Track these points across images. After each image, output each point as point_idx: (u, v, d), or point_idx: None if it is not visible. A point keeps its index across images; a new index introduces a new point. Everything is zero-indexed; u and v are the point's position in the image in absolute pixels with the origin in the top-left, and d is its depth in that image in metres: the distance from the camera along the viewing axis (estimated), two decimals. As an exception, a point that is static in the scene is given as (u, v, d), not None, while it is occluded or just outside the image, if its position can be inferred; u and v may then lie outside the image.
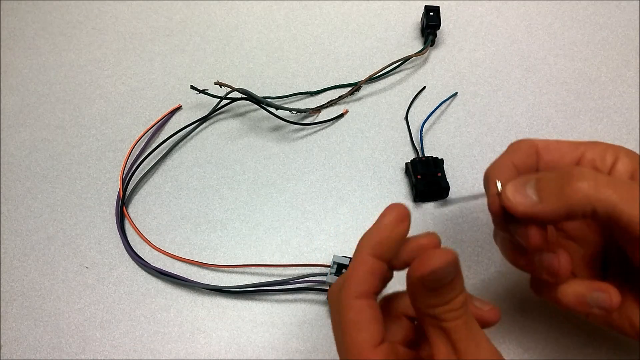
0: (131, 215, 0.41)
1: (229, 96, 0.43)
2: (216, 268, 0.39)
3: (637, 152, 0.42)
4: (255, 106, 0.45)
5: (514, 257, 0.30)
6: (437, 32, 0.49)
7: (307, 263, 0.38)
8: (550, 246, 0.27)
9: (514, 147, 0.29)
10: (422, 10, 0.50)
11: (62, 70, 0.50)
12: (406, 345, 0.27)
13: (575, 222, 0.31)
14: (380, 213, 0.26)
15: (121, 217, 0.41)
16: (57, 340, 0.36)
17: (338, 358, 0.34)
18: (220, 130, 0.45)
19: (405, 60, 0.47)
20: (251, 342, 0.36)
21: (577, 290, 0.27)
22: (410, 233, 0.39)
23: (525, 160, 0.28)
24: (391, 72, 0.48)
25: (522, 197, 0.25)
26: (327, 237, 0.39)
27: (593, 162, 0.27)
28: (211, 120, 0.46)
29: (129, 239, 0.40)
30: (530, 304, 0.36)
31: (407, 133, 0.44)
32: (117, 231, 0.40)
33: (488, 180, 0.28)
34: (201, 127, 0.45)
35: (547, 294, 0.29)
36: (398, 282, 0.27)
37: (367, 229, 0.26)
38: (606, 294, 0.26)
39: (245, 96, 0.43)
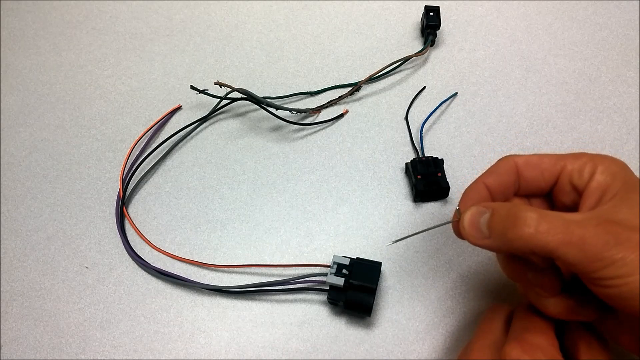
0: (131, 215, 0.41)
1: (229, 96, 0.43)
2: (216, 268, 0.39)
3: (637, 152, 0.42)
4: (255, 106, 0.45)
5: (507, 271, 0.31)
6: (437, 32, 0.49)
7: (307, 263, 0.38)
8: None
9: (492, 168, 0.31)
10: (422, 10, 0.50)
11: (62, 70, 0.50)
12: None
13: None
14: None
15: (121, 217, 0.41)
16: (57, 340, 0.36)
17: (338, 358, 0.34)
18: (220, 130, 0.45)
19: (405, 60, 0.47)
20: (251, 342, 0.36)
21: (564, 304, 0.28)
22: (410, 233, 0.39)
23: (501, 180, 0.30)
24: (391, 72, 0.48)
25: (474, 230, 0.28)
26: (327, 237, 0.39)
27: (571, 176, 0.29)
28: (211, 120, 0.46)
29: (129, 239, 0.40)
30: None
31: (407, 133, 0.44)
32: (117, 231, 0.40)
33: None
34: (201, 127, 0.45)
35: (536, 302, 0.29)
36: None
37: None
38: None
39: (245, 96, 0.43)
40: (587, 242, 0.24)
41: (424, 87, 0.47)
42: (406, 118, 0.45)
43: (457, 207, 0.30)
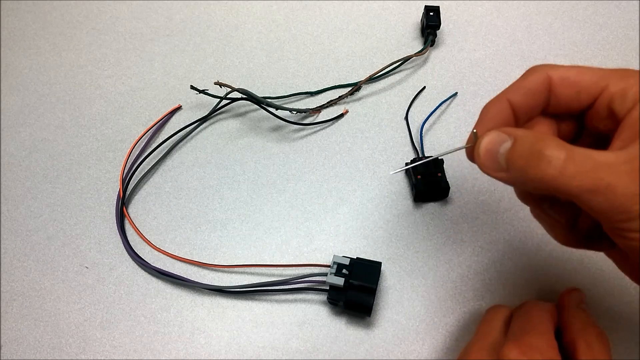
0: (131, 215, 0.41)
1: (229, 96, 0.43)
2: (216, 268, 0.38)
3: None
4: (255, 106, 0.45)
5: (522, 196, 0.29)
6: (437, 32, 0.49)
7: (307, 263, 0.38)
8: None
9: (520, 81, 0.27)
10: (422, 10, 0.50)
11: (62, 70, 0.50)
12: None
13: None
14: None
15: (121, 217, 0.41)
16: (57, 340, 0.36)
17: (338, 358, 0.34)
18: (220, 130, 0.45)
19: (405, 60, 0.47)
20: (251, 342, 0.36)
21: (576, 237, 0.27)
22: (410, 233, 0.40)
23: (529, 99, 0.26)
24: (391, 72, 0.48)
25: (490, 160, 0.25)
26: (327, 237, 0.39)
27: (612, 99, 0.25)
28: (211, 120, 0.46)
29: (129, 239, 0.40)
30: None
31: (407, 133, 0.44)
32: (117, 231, 0.40)
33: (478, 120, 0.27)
34: (201, 127, 0.45)
35: (547, 229, 0.28)
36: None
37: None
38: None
39: (245, 96, 0.43)
40: (615, 191, 0.21)
41: (424, 87, 0.47)
42: (406, 118, 0.45)
43: (474, 130, 0.26)
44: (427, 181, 0.39)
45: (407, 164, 0.30)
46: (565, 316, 0.30)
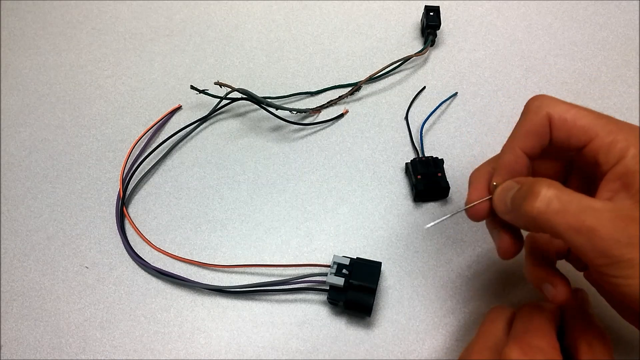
0: (131, 215, 0.41)
1: (229, 96, 0.43)
2: (216, 268, 0.38)
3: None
4: (255, 106, 0.45)
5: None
6: (437, 32, 0.49)
7: (307, 263, 0.38)
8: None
9: (525, 123, 0.28)
10: (422, 10, 0.50)
11: (62, 70, 0.50)
12: None
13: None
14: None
15: (121, 217, 0.41)
16: (57, 340, 0.36)
17: (338, 358, 0.34)
18: (220, 130, 0.45)
19: (405, 60, 0.47)
20: (251, 342, 0.36)
21: (537, 274, 0.29)
22: (410, 233, 0.40)
23: (534, 142, 0.28)
24: (391, 72, 0.48)
25: (502, 204, 0.28)
26: (327, 237, 0.39)
27: (598, 151, 0.26)
28: (211, 120, 0.46)
29: (129, 239, 0.40)
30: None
31: (407, 133, 0.44)
32: (117, 231, 0.40)
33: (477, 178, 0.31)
34: (201, 127, 0.45)
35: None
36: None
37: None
38: (553, 289, 0.28)
39: (245, 96, 0.43)
40: (597, 234, 0.23)
41: (424, 87, 0.47)
42: (406, 118, 0.45)
43: (494, 182, 0.29)
44: (427, 181, 0.39)
45: (441, 219, 0.33)
46: (568, 317, 0.30)
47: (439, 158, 0.41)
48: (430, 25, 0.48)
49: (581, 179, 0.30)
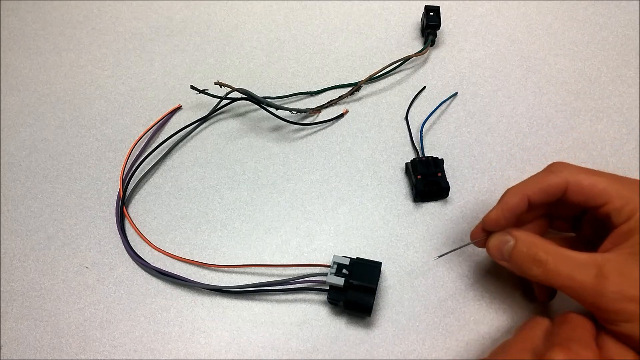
0: (131, 215, 0.41)
1: (229, 96, 0.43)
2: (216, 268, 0.38)
3: (637, 152, 0.42)
4: (255, 106, 0.45)
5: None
6: (437, 32, 0.49)
7: (307, 263, 0.38)
8: None
9: (542, 179, 0.32)
10: (422, 10, 0.50)
11: (62, 70, 0.50)
12: None
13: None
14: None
15: (121, 217, 0.41)
16: (57, 340, 0.36)
17: (338, 358, 0.34)
18: (220, 130, 0.45)
19: (405, 60, 0.47)
20: (251, 342, 0.36)
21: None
22: (410, 233, 0.40)
23: (543, 198, 0.32)
24: (391, 72, 0.48)
25: (498, 254, 0.32)
26: (327, 237, 0.39)
27: (609, 214, 0.30)
28: (211, 120, 0.46)
29: (129, 239, 0.40)
30: (529, 302, 0.36)
31: (407, 133, 0.44)
32: (117, 231, 0.40)
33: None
34: (201, 127, 0.45)
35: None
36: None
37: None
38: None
39: (245, 96, 0.43)
40: (583, 289, 0.28)
41: (424, 87, 0.47)
42: (406, 118, 0.45)
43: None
44: (427, 181, 0.39)
45: (441, 256, 0.38)
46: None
47: (439, 158, 0.41)
48: (430, 25, 0.48)
49: (593, 226, 0.33)
